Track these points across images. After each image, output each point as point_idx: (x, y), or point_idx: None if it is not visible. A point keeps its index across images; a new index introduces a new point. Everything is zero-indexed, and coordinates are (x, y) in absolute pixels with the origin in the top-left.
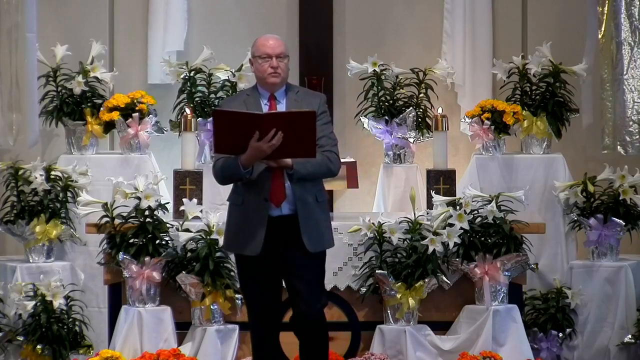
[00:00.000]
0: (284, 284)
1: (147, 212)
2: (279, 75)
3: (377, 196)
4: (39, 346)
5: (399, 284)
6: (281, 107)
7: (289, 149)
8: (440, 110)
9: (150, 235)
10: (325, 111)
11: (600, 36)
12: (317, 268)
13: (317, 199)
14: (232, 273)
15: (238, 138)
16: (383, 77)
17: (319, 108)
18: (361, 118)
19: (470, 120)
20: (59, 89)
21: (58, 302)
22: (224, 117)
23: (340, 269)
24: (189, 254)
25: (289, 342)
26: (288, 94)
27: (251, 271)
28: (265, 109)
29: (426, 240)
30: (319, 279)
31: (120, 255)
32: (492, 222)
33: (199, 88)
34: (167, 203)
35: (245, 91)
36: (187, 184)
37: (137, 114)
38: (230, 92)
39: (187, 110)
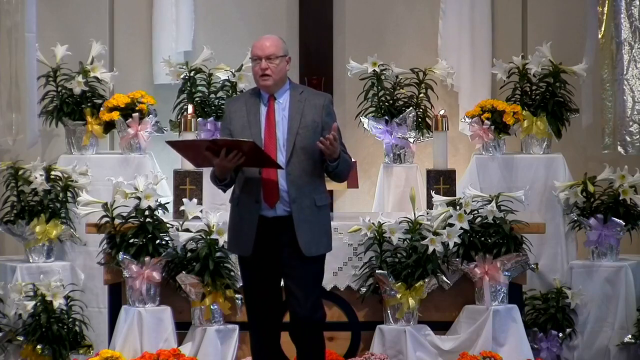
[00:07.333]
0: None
1: (147, 212)
2: (269, 77)
3: (377, 196)
4: (39, 346)
5: (399, 284)
6: (282, 108)
7: (252, 162)
8: (442, 112)
9: (150, 235)
10: (330, 113)
11: (600, 36)
12: (314, 272)
13: (316, 203)
14: (232, 273)
15: (200, 157)
16: (383, 77)
17: (323, 109)
18: (361, 118)
19: (470, 120)
20: (59, 89)
21: (58, 302)
22: (180, 145)
23: (340, 269)
24: (189, 254)
25: (289, 341)
26: (291, 95)
27: (249, 271)
28: (263, 110)
29: (426, 240)
30: (315, 284)
31: (120, 255)
32: (492, 222)
33: (199, 88)
34: (167, 203)
35: (249, 91)
36: (187, 184)
37: (137, 114)
38: (230, 92)
39: (190, 109)
